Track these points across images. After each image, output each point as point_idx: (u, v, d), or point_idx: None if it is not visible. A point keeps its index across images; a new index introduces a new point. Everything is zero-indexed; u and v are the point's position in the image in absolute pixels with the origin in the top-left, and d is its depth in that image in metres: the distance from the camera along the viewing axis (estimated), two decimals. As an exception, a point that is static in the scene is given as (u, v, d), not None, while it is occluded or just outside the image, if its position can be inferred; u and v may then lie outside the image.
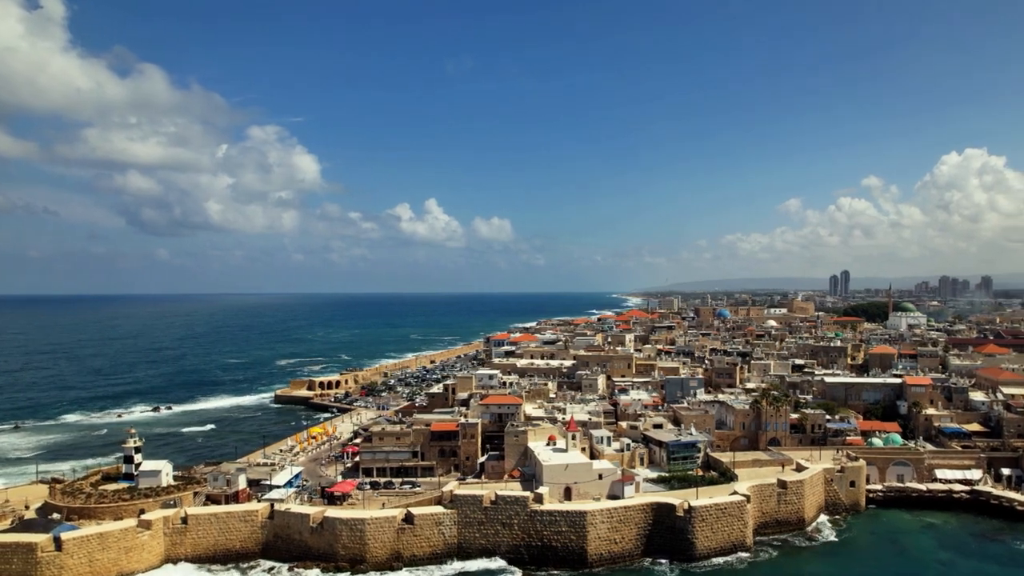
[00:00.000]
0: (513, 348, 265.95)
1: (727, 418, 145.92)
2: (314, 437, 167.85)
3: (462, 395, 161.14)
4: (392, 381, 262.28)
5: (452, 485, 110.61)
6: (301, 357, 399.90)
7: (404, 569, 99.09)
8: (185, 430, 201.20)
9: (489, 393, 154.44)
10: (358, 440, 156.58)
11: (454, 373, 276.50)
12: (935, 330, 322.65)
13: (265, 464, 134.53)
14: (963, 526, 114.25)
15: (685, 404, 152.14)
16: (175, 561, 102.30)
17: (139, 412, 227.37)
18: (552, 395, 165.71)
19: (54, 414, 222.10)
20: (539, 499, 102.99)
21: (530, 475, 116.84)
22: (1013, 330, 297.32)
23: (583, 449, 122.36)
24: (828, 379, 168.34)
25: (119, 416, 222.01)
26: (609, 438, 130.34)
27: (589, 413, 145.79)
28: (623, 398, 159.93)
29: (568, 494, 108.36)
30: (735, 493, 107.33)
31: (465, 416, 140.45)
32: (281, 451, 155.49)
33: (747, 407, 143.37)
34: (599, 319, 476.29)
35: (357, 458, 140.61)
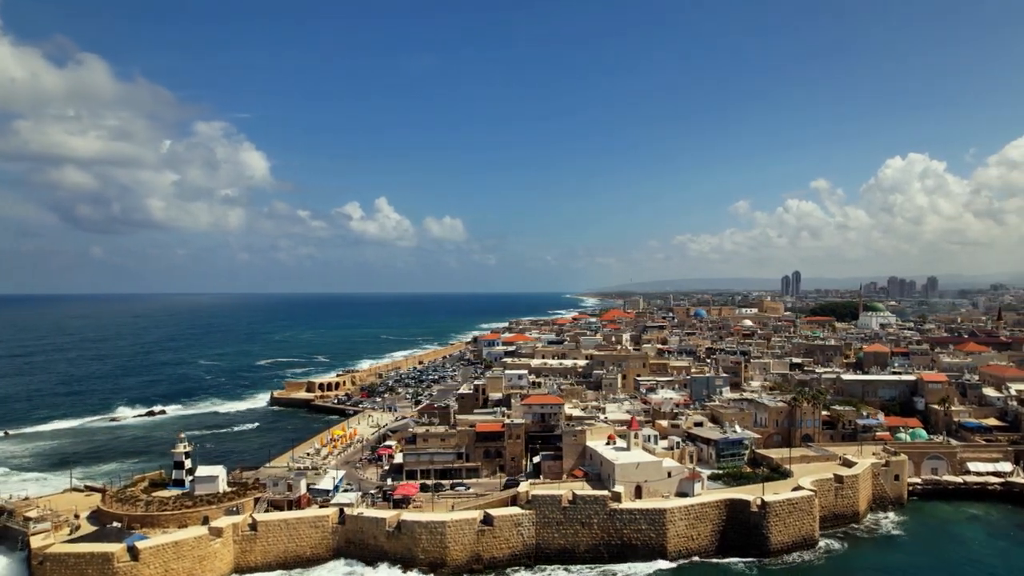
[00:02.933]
0: (512, 348, 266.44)
1: (758, 416, 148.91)
2: (334, 440, 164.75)
3: (494, 395, 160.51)
4: (390, 382, 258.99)
5: (525, 486, 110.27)
6: (278, 358, 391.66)
7: (492, 572, 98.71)
8: (189, 434, 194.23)
9: (530, 393, 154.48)
10: (390, 442, 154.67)
11: (449, 373, 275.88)
12: (908, 329, 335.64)
13: (310, 468, 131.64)
14: (1005, 517, 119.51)
15: (717, 402, 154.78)
16: (245, 570, 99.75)
17: (132, 417, 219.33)
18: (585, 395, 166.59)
19: (41, 420, 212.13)
20: (617, 498, 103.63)
21: (595, 474, 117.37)
22: (983, 328, 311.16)
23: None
24: (845, 377, 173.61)
25: (112, 420, 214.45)
26: (656, 437, 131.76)
27: (628, 412, 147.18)
28: (653, 397, 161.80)
29: (639, 492, 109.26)
30: (799, 488, 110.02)
31: (508, 416, 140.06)
32: (308, 454, 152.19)
33: (781, 405, 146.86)
34: (574, 319, 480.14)
35: (395, 460, 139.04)
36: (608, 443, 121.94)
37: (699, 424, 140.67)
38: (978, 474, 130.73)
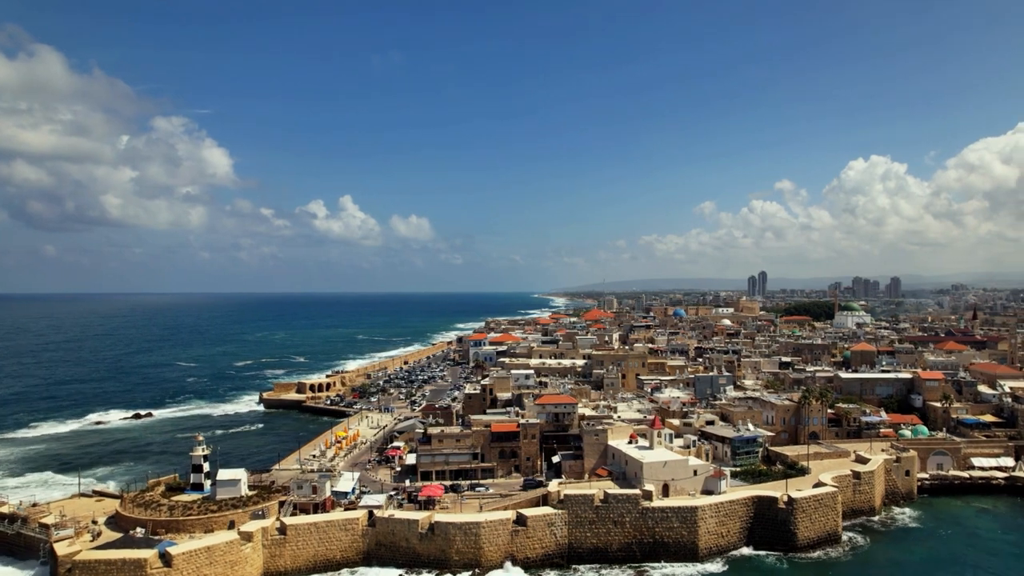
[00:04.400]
0: (501, 348, 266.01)
1: (765, 414, 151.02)
2: (339, 442, 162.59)
3: (503, 395, 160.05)
4: (380, 383, 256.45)
5: (555, 485, 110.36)
6: (254, 359, 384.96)
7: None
8: (182, 436, 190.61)
9: (542, 393, 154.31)
10: (398, 443, 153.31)
11: (438, 374, 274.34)
12: (883, 328, 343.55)
13: (325, 471, 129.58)
14: (1012, 510, 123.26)
15: (724, 401, 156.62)
16: (274, 575, 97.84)
17: (118, 419, 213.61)
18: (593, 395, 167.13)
19: (23, 424, 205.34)
20: (648, 496, 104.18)
21: (619, 473, 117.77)
22: (957, 328, 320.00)
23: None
24: (844, 375, 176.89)
25: (98, 424, 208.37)
26: (672, 435, 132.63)
27: (639, 411, 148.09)
28: (661, 396, 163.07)
29: (666, 491, 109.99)
30: (820, 484, 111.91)
31: (522, 416, 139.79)
32: (313, 456, 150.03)
33: (787, 403, 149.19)
34: (552, 319, 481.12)
35: (406, 460, 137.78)
36: (630, 442, 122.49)
37: (710, 423, 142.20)
38: (982, 469, 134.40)
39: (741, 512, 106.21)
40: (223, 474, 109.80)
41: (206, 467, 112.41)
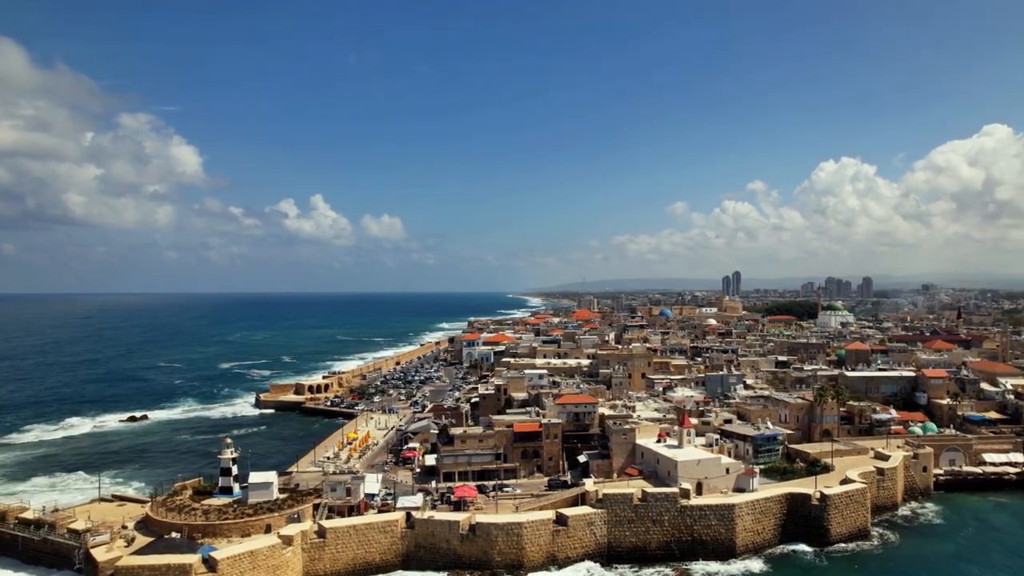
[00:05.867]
0: (499, 348, 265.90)
1: (778, 412, 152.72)
2: (350, 443, 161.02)
3: (518, 395, 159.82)
4: (377, 383, 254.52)
5: (590, 484, 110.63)
6: (239, 360, 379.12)
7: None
8: (182, 438, 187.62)
9: (563, 393, 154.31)
10: (413, 444, 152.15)
11: (433, 374, 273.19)
12: (867, 328, 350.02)
13: (348, 472, 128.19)
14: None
15: (739, 399, 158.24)
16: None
17: (115, 422, 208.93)
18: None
19: (13, 428, 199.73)
20: (686, 495, 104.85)
21: (649, 472, 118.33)
22: (941, 327, 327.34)
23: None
24: (849, 374, 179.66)
25: (93, 428, 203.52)
26: (694, 434, 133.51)
27: (656, 410, 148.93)
28: (674, 395, 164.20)
29: (699, 489, 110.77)
30: (847, 481, 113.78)
31: (543, 416, 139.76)
32: (328, 458, 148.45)
33: (801, 401, 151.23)
34: (538, 319, 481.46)
35: (425, 461, 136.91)
36: (658, 440, 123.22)
37: (728, 421, 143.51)
38: (994, 465, 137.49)
39: (775, 509, 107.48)
40: (255, 477, 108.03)
41: (235, 470, 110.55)
